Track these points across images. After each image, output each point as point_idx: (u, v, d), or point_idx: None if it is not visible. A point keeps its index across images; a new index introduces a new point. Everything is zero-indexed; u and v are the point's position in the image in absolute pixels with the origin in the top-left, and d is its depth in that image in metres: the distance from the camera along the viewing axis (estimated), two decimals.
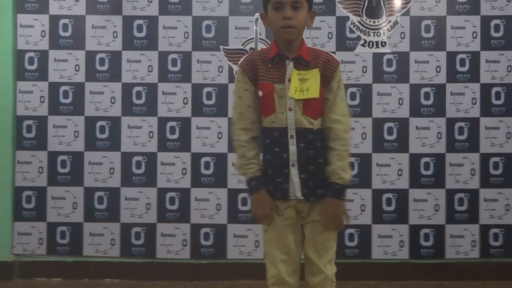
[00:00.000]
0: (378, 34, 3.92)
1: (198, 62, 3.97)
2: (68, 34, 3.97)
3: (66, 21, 3.97)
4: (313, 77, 2.18)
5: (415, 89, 3.92)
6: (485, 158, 3.90)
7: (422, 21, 3.93)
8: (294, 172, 2.19)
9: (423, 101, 3.92)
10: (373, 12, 3.92)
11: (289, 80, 2.18)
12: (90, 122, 3.96)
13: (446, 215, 3.90)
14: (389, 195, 3.92)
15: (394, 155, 3.91)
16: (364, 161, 3.92)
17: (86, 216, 3.96)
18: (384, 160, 3.91)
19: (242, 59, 2.29)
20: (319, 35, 3.93)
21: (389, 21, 3.92)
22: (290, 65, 2.20)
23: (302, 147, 2.18)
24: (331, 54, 2.36)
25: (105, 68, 3.97)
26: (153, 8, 3.97)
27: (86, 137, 3.97)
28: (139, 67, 3.95)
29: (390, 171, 3.90)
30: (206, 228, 3.95)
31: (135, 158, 3.96)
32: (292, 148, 2.19)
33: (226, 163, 3.94)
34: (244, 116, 2.24)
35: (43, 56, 3.97)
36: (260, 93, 2.21)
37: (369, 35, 3.91)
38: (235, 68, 3.83)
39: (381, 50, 3.92)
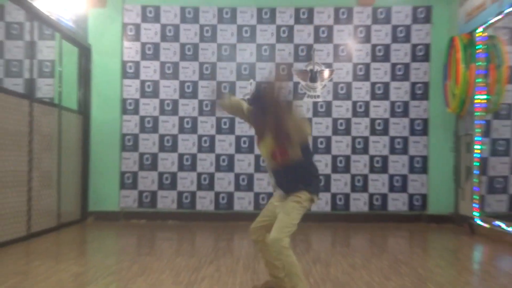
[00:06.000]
0: (315, 91, 7.30)
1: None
2: (150, 90, 7.36)
3: (149, 83, 7.35)
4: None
5: (335, 121, 7.30)
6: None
7: (339, 85, 7.31)
8: (278, 189, 3.39)
9: (339, 127, 7.30)
10: (313, 79, 7.31)
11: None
12: (161, 137, 7.32)
13: (350, 187, 7.25)
14: (322, 177, 7.27)
15: (322, 156, 7.26)
16: None
17: (159, 187, 7.28)
18: (317, 158, 7.28)
19: None
20: None
21: (321, 85, 7.31)
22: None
23: (278, 178, 3.36)
24: None
25: (169, 108, 7.34)
26: (196, 75, 7.34)
27: (159, 145, 7.31)
28: (188, 108, 7.32)
29: (321, 164, 7.24)
30: (223, 194, 7.29)
31: (185, 156, 7.31)
32: (273, 179, 3.40)
33: (234, 160, 7.27)
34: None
35: (136, 102, 7.35)
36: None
37: (310, 92, 7.29)
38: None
39: (316, 99, 7.30)
